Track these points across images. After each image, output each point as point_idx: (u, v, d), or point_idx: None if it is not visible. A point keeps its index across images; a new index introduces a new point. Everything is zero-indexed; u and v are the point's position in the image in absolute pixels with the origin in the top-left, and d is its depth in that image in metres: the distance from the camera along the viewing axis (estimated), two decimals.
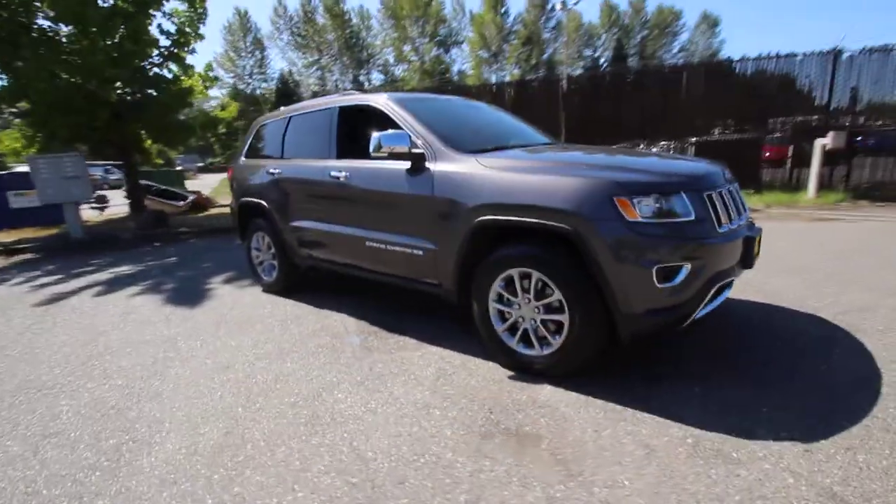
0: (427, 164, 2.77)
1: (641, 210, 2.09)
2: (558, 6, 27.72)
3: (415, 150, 2.79)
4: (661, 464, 1.77)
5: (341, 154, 3.43)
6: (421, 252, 2.85)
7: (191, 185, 19.56)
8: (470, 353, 2.80)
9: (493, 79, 47.96)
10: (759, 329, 2.92)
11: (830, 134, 8.03)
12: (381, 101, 3.19)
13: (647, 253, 2.07)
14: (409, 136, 2.81)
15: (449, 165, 2.68)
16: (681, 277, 2.10)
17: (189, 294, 4.46)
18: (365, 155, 3.25)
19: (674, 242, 2.09)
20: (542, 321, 2.39)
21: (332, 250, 3.56)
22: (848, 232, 5.76)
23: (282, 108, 4.31)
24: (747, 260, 2.41)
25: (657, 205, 2.11)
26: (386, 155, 2.82)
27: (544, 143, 3.48)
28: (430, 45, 47.14)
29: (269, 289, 4.32)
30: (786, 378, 2.32)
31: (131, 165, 10.27)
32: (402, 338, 3.11)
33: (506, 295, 2.50)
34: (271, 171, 3.96)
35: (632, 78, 11.29)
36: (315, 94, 46.32)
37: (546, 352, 2.40)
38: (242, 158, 4.52)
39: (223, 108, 13.35)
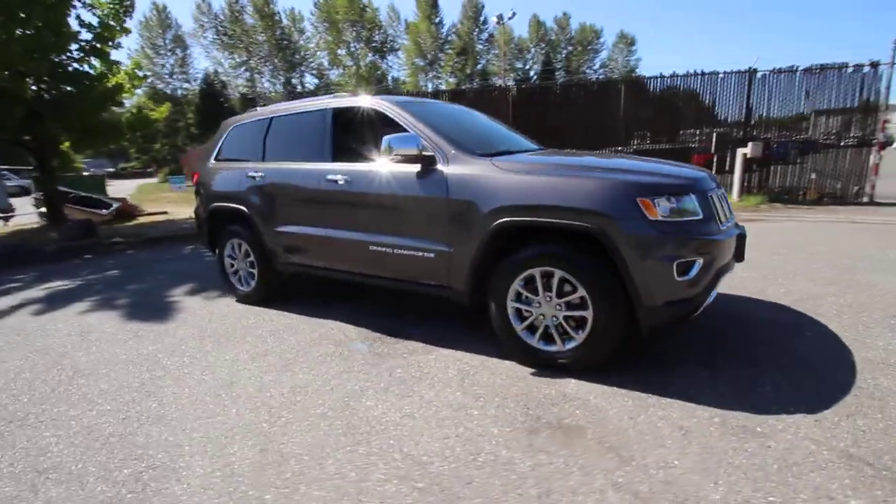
0: (439, 167, 2.78)
1: (661, 210, 2.26)
2: (493, 20, 28.66)
3: (425, 153, 2.80)
4: (700, 443, 1.92)
5: (337, 157, 3.34)
6: (432, 255, 2.85)
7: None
8: (484, 353, 2.83)
9: (430, 87, 48.53)
10: (738, 317, 3.23)
11: (750, 144, 9.04)
12: (383, 104, 3.16)
13: (668, 249, 2.24)
14: (420, 139, 2.81)
15: (464, 168, 2.72)
16: (695, 271, 2.29)
17: (153, 308, 4.09)
18: (362, 158, 3.21)
19: (689, 239, 2.28)
20: (565, 317, 2.49)
21: (326, 256, 3.45)
22: (775, 231, 6.50)
23: (259, 109, 4.11)
24: (740, 255, 2.68)
25: (672, 205, 2.29)
26: (399, 158, 2.80)
27: (539, 148, 3.62)
28: (365, 51, 46.73)
29: (246, 299, 4.08)
30: (775, 358, 2.59)
31: (49, 170, 9.19)
32: (408, 342, 3.07)
33: (525, 294, 2.57)
34: (252, 174, 3.76)
35: (574, 91, 11.94)
36: (246, 97, 44.15)
37: (569, 347, 2.50)
38: (212, 161, 4.24)
39: (139, 109, 12.28)
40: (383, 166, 3.01)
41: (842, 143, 9.38)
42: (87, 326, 3.70)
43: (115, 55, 9.49)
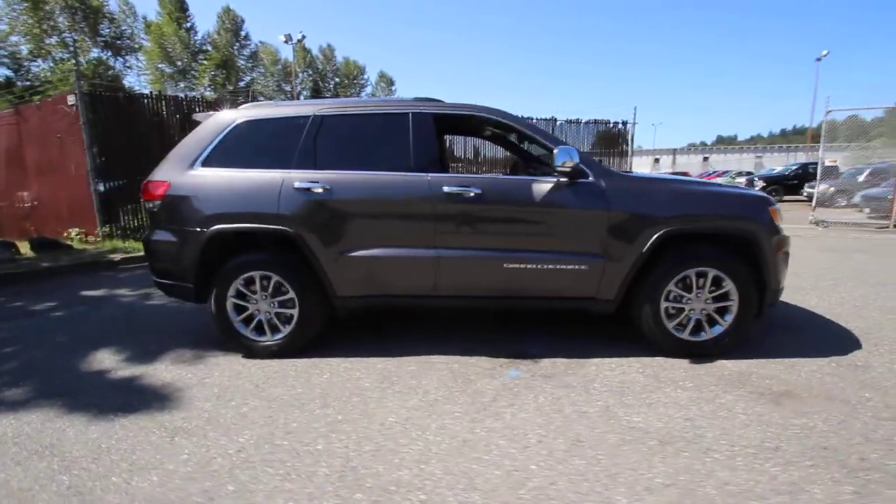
0: (592, 180, 2.88)
1: (779, 216, 2.99)
2: (282, 38, 27.29)
3: (580, 166, 2.86)
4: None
5: (443, 167, 2.97)
6: (585, 266, 2.90)
7: None
8: (630, 355, 3.01)
9: (183, 97, 41.76)
10: None
11: None
12: (501, 113, 3.02)
13: (785, 245, 2.98)
14: (576, 152, 2.84)
15: (618, 181, 2.91)
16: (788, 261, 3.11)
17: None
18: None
19: (787, 238, 3.07)
20: (714, 309, 2.94)
21: (431, 279, 2.97)
22: None
23: (284, 103, 3.18)
24: None
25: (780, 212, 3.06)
26: (568, 170, 2.77)
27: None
28: (86, 43, 36.88)
29: (267, 352, 3.05)
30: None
31: None
32: (549, 360, 2.98)
33: (677, 292, 2.93)
34: (303, 185, 2.90)
35: None
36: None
37: (716, 333, 2.96)
38: (197, 169, 3.03)
39: None
40: (523, 178, 2.89)
41: None
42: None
43: None
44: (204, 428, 2.24)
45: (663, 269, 2.89)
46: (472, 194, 2.87)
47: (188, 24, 43.43)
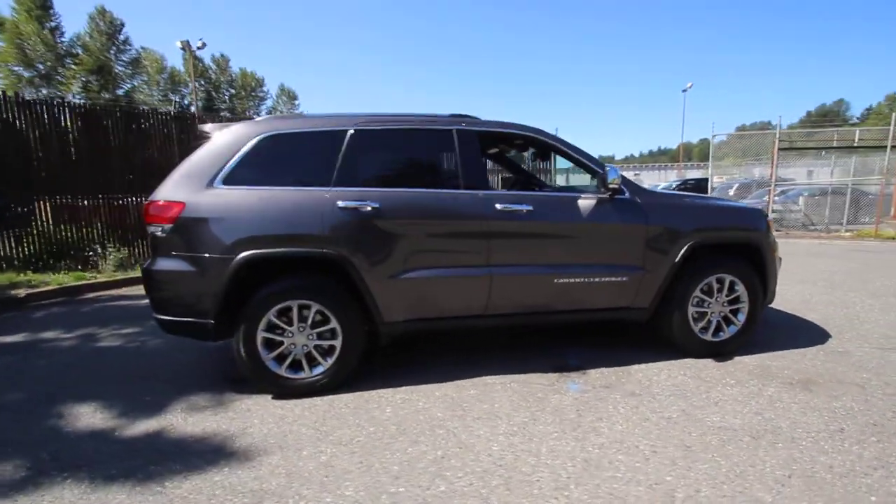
0: (628, 196, 3.05)
1: (773, 226, 3.43)
2: (178, 44, 24.89)
3: (622, 185, 3.02)
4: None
5: (483, 185, 2.93)
6: (626, 278, 3.05)
7: None
8: (664, 359, 3.20)
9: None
10: None
11: None
12: (545, 133, 3.09)
13: (777, 250, 3.42)
14: (618, 170, 2.99)
15: (649, 197, 3.12)
16: None
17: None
18: (530, 185, 3.05)
19: (777, 243, 3.53)
20: (730, 311, 3.27)
21: (482, 299, 2.90)
22: None
23: (311, 116, 2.90)
24: None
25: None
26: (616, 187, 2.91)
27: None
28: None
29: (306, 389, 2.73)
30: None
31: None
32: (595, 370, 3.06)
33: (701, 298, 3.20)
34: (348, 204, 2.68)
35: None
36: None
37: (732, 333, 3.27)
38: (219, 187, 2.64)
39: None
40: (568, 194, 2.97)
41: None
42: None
43: None
44: (291, 486, 1.93)
45: (691, 277, 3.14)
46: (524, 211, 2.88)
47: (52, 24, 37.86)
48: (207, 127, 2.86)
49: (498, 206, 2.85)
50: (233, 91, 55.86)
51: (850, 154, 12.11)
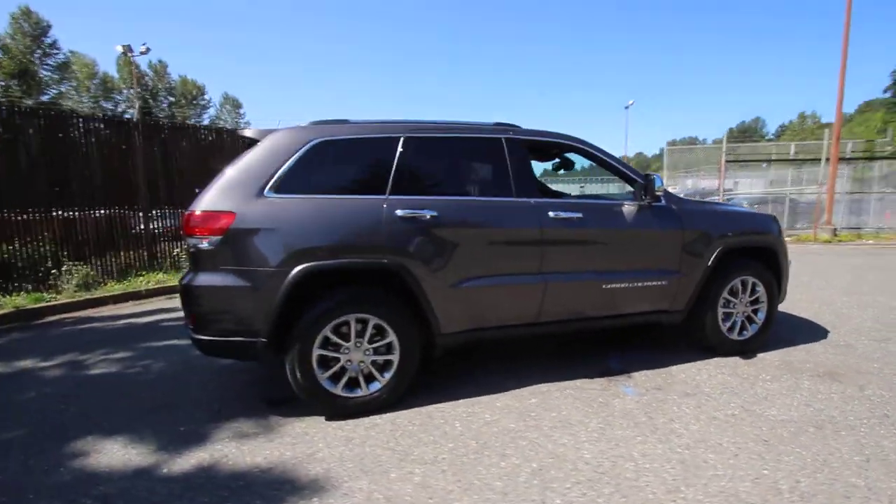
0: (664, 203, 3.17)
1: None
2: (119, 48, 23.24)
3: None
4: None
5: (535, 193, 2.95)
6: (665, 282, 3.16)
7: None
8: (698, 359, 3.33)
9: None
10: None
11: None
12: (585, 142, 3.16)
13: (787, 252, 3.67)
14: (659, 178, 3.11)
15: (682, 204, 3.26)
16: None
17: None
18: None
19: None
20: (752, 311, 3.46)
21: (535, 307, 2.90)
22: None
23: (359, 122, 2.78)
24: None
25: None
26: (660, 195, 3.01)
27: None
28: None
29: (363, 408, 2.60)
30: None
31: None
32: (637, 374, 3.12)
33: (728, 298, 3.37)
34: (407, 213, 2.59)
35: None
36: None
37: (755, 331, 3.47)
38: (270, 195, 2.47)
39: None
40: (613, 202, 3.05)
41: None
42: None
43: None
44: None
45: (721, 280, 3.30)
46: (575, 218, 2.92)
47: None
48: (250, 132, 2.68)
49: (551, 213, 2.87)
50: (172, 99, 53.06)
51: (787, 166, 13.34)
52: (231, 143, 8.91)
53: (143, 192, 7.54)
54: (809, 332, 3.96)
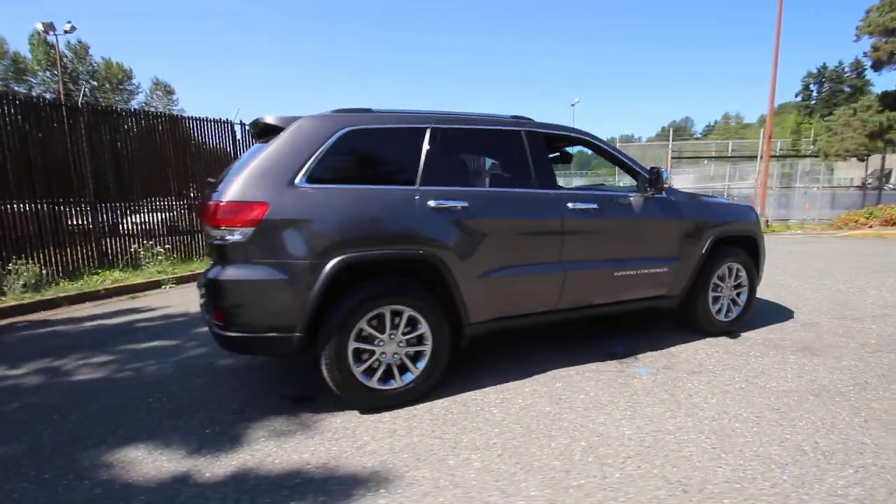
0: (664, 195, 3.38)
1: None
2: (39, 26, 20.87)
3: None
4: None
5: (554, 184, 3.05)
6: (666, 269, 3.38)
7: None
8: (688, 341, 3.59)
9: None
10: None
11: None
12: (593, 136, 3.29)
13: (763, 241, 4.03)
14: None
15: (678, 195, 3.49)
16: None
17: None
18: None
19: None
20: (732, 294, 3.77)
21: (553, 295, 3.00)
22: None
23: (385, 111, 2.72)
24: None
25: None
26: (664, 187, 3.20)
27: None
28: None
29: (396, 400, 2.59)
30: None
31: None
32: (645, 355, 3.32)
33: (716, 283, 3.65)
34: (440, 203, 2.60)
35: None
36: None
37: (738, 313, 3.78)
38: (301, 183, 2.39)
39: None
40: (622, 193, 3.20)
41: None
42: None
43: None
44: (471, 497, 1.84)
45: (711, 266, 3.57)
46: (591, 209, 3.05)
47: None
48: (272, 119, 2.56)
49: (570, 204, 2.98)
50: (95, 83, 48.67)
51: (725, 163, 14.48)
52: (197, 132, 8.39)
53: (89, 184, 6.93)
54: (778, 312, 4.37)
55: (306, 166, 2.43)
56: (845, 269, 6.54)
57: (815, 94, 61.44)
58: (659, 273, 3.36)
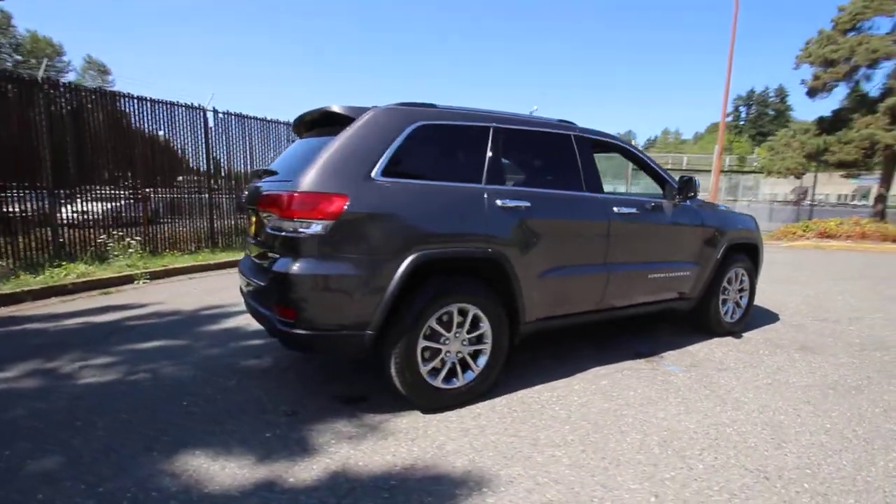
0: (688, 202, 3.58)
1: None
2: None
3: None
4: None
5: (601, 188, 3.15)
6: (689, 272, 3.59)
7: None
8: (699, 341, 3.83)
9: None
10: None
11: None
12: (633, 145, 3.44)
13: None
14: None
15: (698, 203, 3.71)
16: None
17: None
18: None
19: None
20: (737, 297, 4.06)
21: (597, 296, 3.11)
22: None
23: (451, 108, 2.68)
24: None
25: None
26: (692, 195, 3.39)
27: None
28: None
29: (456, 399, 2.58)
30: None
31: None
32: (670, 353, 3.50)
33: (725, 286, 3.92)
34: (506, 203, 2.61)
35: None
36: None
37: (740, 315, 4.08)
38: (377, 177, 2.32)
39: None
40: (656, 199, 3.37)
41: None
42: None
43: None
44: (575, 491, 1.87)
45: (723, 271, 3.83)
46: (632, 213, 3.18)
47: None
48: (339, 108, 2.47)
49: (615, 208, 3.09)
50: (19, 57, 44.09)
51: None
52: (167, 117, 7.80)
53: (46, 168, 6.30)
54: (765, 316, 4.75)
55: (382, 160, 2.36)
56: (805, 276, 7.19)
57: (743, 115, 67.27)
58: (683, 276, 3.55)
